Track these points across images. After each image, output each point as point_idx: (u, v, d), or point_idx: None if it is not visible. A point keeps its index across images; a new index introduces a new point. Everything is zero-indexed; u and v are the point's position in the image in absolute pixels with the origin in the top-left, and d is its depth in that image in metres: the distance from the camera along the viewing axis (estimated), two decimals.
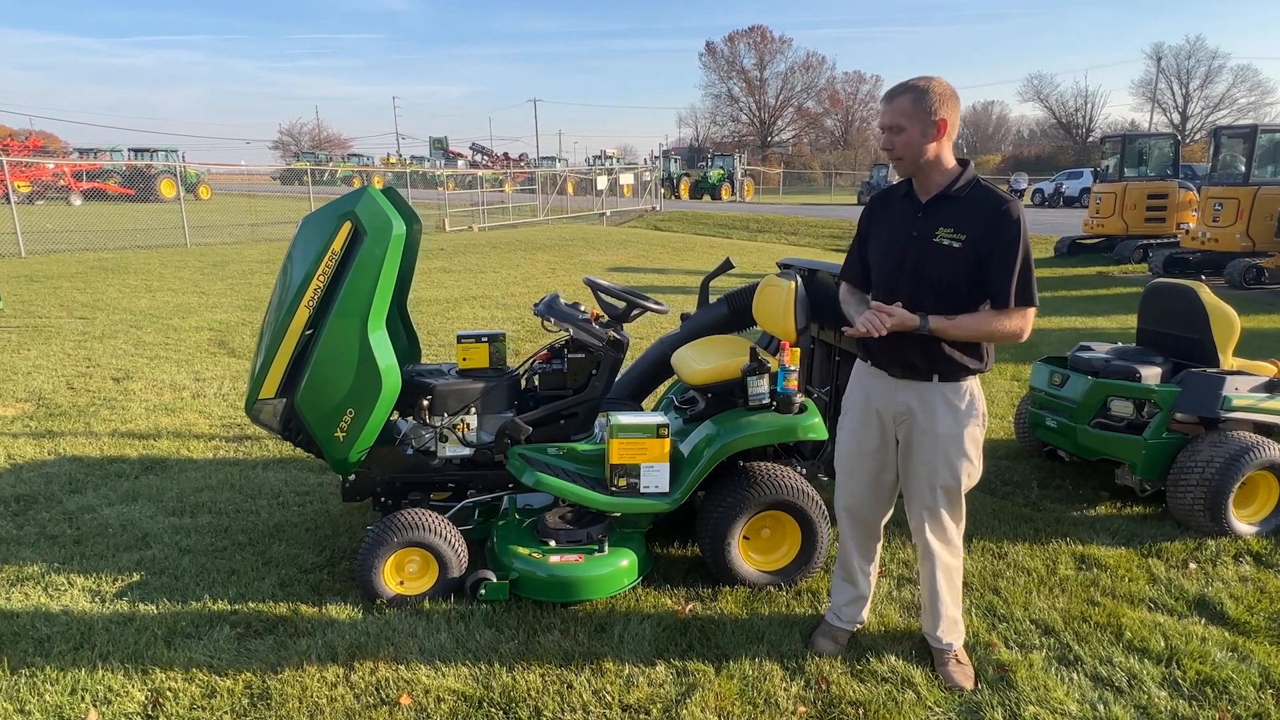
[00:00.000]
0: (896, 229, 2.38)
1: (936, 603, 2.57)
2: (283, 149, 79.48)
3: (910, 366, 2.38)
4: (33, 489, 3.96)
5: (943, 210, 2.30)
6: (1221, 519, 3.50)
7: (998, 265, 2.24)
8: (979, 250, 2.24)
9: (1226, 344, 3.85)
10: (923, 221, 2.32)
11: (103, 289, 10.45)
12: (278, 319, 2.80)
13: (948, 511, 2.49)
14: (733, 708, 2.39)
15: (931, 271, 2.30)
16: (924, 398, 2.39)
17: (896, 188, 2.46)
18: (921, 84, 2.22)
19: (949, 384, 2.38)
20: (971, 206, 2.27)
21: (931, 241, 2.29)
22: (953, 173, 2.31)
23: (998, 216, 2.23)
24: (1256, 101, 54.45)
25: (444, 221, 21.00)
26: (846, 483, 2.63)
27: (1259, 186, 11.48)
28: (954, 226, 2.26)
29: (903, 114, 2.23)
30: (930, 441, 2.40)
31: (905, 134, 2.24)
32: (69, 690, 2.43)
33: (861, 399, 2.54)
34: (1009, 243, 2.22)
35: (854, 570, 2.71)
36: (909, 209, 2.37)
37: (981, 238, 2.23)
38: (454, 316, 8.83)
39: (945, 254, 2.27)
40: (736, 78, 68.65)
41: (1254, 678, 2.54)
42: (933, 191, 2.33)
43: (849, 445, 2.58)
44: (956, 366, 2.35)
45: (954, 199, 2.29)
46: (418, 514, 2.92)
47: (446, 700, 2.41)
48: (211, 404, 5.49)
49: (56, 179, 27.18)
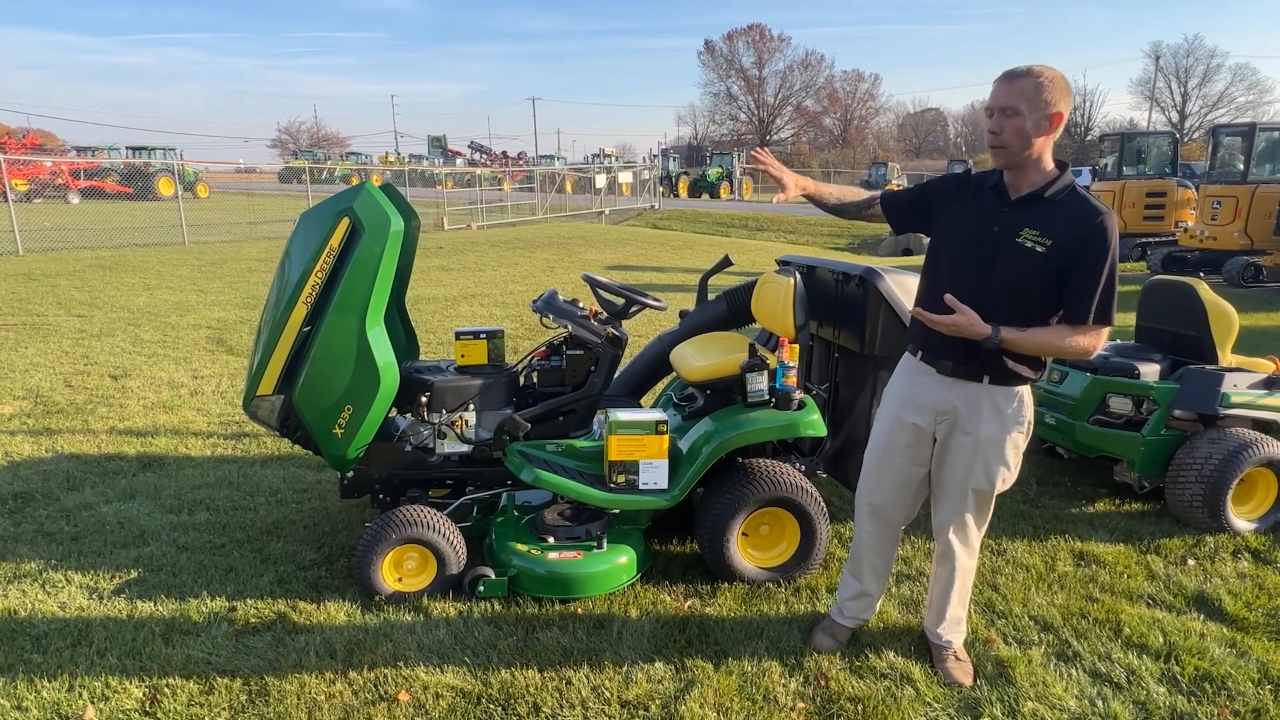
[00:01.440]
0: (976, 220, 2.26)
1: (945, 602, 2.56)
2: (281, 147, 79.43)
3: (963, 365, 2.30)
4: (30, 486, 3.95)
5: (1032, 210, 2.17)
6: (1220, 516, 3.50)
7: (1080, 279, 2.12)
8: (1063, 259, 2.13)
9: (1225, 341, 3.85)
10: (1008, 218, 2.19)
11: (100, 287, 10.43)
12: (275, 315, 2.80)
13: (974, 514, 2.45)
14: (732, 704, 2.39)
15: (1005, 271, 2.19)
16: (971, 399, 2.32)
17: (986, 176, 2.31)
18: (1047, 72, 2.09)
19: (1000, 388, 2.30)
20: (1063, 212, 2.15)
21: (1013, 241, 2.17)
22: (1050, 174, 2.19)
23: (1090, 228, 2.10)
24: (1255, 100, 54.54)
25: (442, 220, 20.99)
26: (876, 477, 2.55)
27: (1257, 185, 11.49)
28: (1040, 229, 2.14)
29: (1023, 97, 2.08)
30: (971, 443, 2.34)
31: (1018, 120, 2.09)
32: (66, 687, 2.42)
33: (904, 393, 2.46)
34: (1097, 257, 2.10)
35: (864, 568, 2.66)
36: (995, 202, 2.24)
37: (1068, 247, 2.12)
38: (452, 314, 8.82)
39: (1024, 256, 2.16)
40: (735, 76, 68.66)
41: (1252, 673, 2.54)
42: (1025, 190, 2.20)
43: (883, 438, 2.51)
44: (1010, 373, 2.28)
45: (1047, 201, 2.17)
46: (416, 511, 2.91)
47: (445, 697, 2.40)
48: (209, 402, 5.48)
49: (54, 177, 27.15)
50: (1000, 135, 2.14)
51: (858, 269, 3.20)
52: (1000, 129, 2.13)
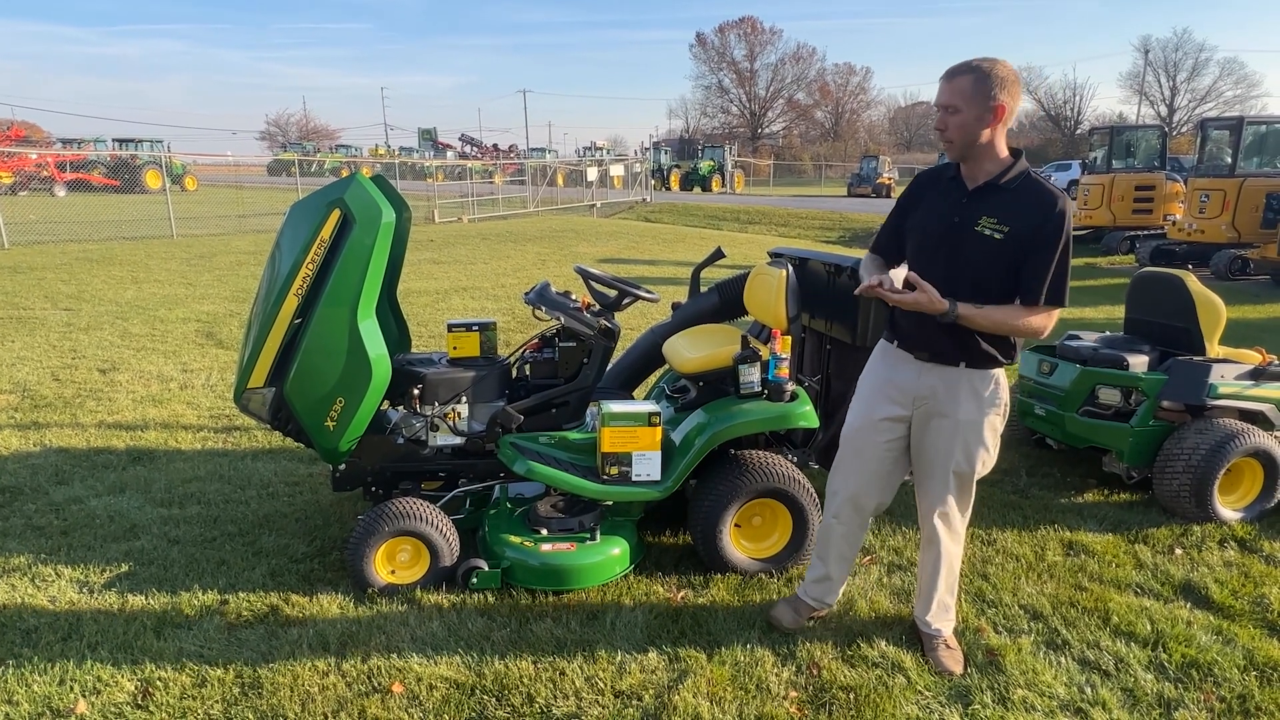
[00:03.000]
0: (939, 212, 2.33)
1: (932, 589, 2.58)
2: (270, 140, 78.77)
3: (939, 353, 2.35)
4: (18, 480, 3.92)
5: (989, 199, 2.24)
6: (1207, 505, 3.54)
7: (1035, 261, 2.19)
8: (1020, 244, 2.19)
9: (1213, 332, 3.88)
10: (966, 208, 2.27)
11: (88, 280, 10.34)
12: (266, 307, 2.78)
13: (956, 498, 2.49)
14: (725, 693, 2.40)
15: (967, 260, 2.25)
16: (949, 383, 2.37)
17: (945, 169, 2.39)
18: (984, 65, 2.15)
19: (976, 372, 2.36)
20: (1019, 199, 2.21)
21: (972, 230, 2.24)
22: (1004, 162, 2.25)
23: (1045, 212, 2.18)
24: (1243, 94, 54.88)
25: (433, 213, 20.88)
26: (851, 463, 2.57)
27: (1245, 178, 11.58)
28: (998, 217, 2.21)
29: (960, 94, 2.16)
30: (950, 426, 2.38)
31: (960, 115, 2.17)
32: (57, 681, 2.41)
33: (880, 380, 2.49)
34: (1051, 240, 2.18)
35: (830, 553, 2.70)
36: (954, 193, 2.31)
37: (1024, 232, 2.18)
38: (444, 307, 8.79)
39: (984, 244, 2.22)
40: (727, 69, 68.57)
41: (1238, 660, 2.58)
42: (980, 179, 2.27)
43: (861, 428, 2.52)
44: (985, 357, 2.33)
45: (1002, 189, 2.23)
46: (409, 503, 2.91)
47: (439, 688, 2.41)
48: (199, 395, 5.45)
49: (40, 169, 26.83)
50: (946, 132, 2.23)
51: (850, 261, 3.21)
52: (945, 126, 2.23)
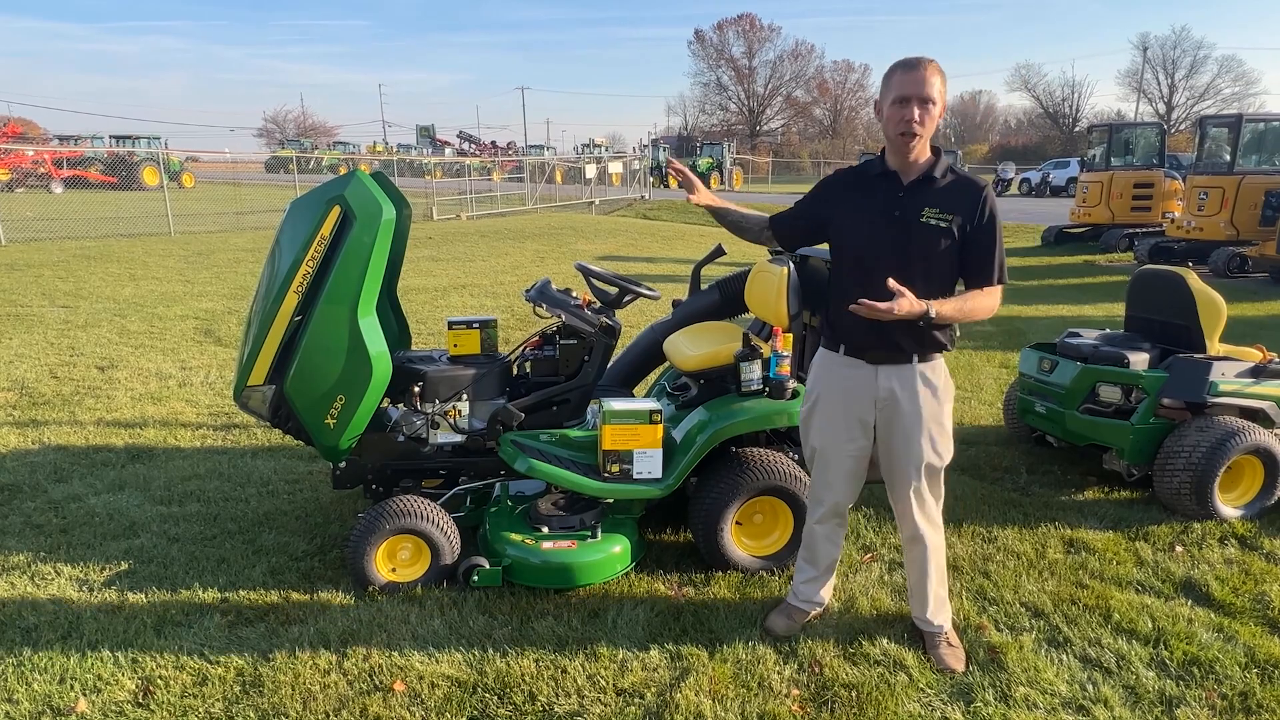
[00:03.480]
0: (875, 210, 2.36)
1: (925, 584, 2.59)
2: (268, 137, 78.60)
3: (895, 349, 2.38)
4: (17, 478, 3.91)
5: (927, 192, 2.31)
6: (1207, 503, 3.54)
7: (982, 246, 2.31)
8: (962, 231, 2.30)
9: (1213, 330, 3.88)
10: (905, 202, 2.32)
11: (86, 277, 10.31)
12: (266, 305, 2.77)
13: (932, 490, 2.53)
14: (727, 691, 2.40)
15: (919, 251, 2.31)
16: (905, 380, 2.40)
17: (869, 166, 2.42)
18: (937, 61, 2.22)
19: (925, 364, 2.41)
20: (953, 190, 2.31)
21: (919, 222, 2.30)
22: (931, 158, 2.34)
23: (979, 200, 2.30)
24: (1241, 91, 54.88)
25: (432, 210, 20.86)
26: (826, 475, 2.60)
27: (1243, 176, 11.58)
28: (940, 207, 2.29)
29: (936, 88, 2.21)
30: (915, 423, 2.41)
31: (934, 109, 2.22)
32: (58, 679, 2.41)
33: (836, 391, 2.50)
34: (991, 224, 2.31)
35: (819, 554, 2.72)
36: (889, 190, 2.35)
37: (965, 219, 2.29)
38: (443, 305, 8.78)
39: (932, 233, 2.29)
40: (725, 66, 68.46)
41: (1239, 657, 2.58)
42: (914, 174, 2.33)
43: (830, 439, 2.53)
44: (935, 345, 2.41)
45: (936, 181, 2.31)
46: (409, 501, 2.90)
47: (440, 686, 2.40)
48: (198, 393, 5.44)
49: (37, 166, 26.75)
50: (920, 125, 2.23)
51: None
52: (923, 120, 2.22)
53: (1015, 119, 72.63)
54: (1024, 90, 65.10)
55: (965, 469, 4.22)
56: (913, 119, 2.21)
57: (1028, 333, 7.52)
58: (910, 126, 2.21)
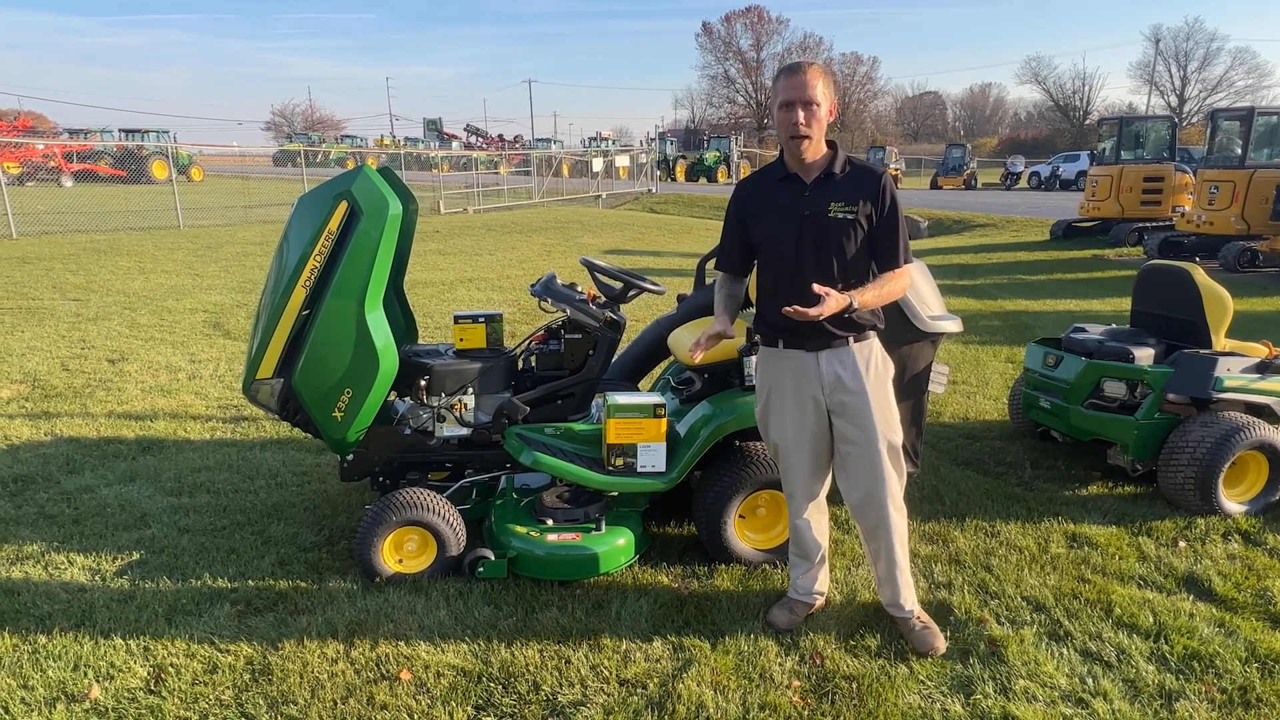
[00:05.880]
0: (785, 209, 2.43)
1: (895, 570, 2.59)
2: (275, 130, 78.83)
3: (829, 335, 2.44)
4: (30, 469, 3.96)
5: (829, 187, 2.39)
6: (1211, 498, 3.54)
7: (887, 231, 2.40)
8: (869, 220, 2.38)
9: (1219, 325, 3.87)
10: (811, 200, 2.39)
11: (96, 271, 10.39)
12: (274, 299, 2.80)
13: (896, 470, 2.53)
14: (729, 682, 2.42)
15: (834, 245, 2.39)
16: (846, 362, 2.46)
17: (769, 171, 2.52)
18: (821, 64, 2.35)
19: (862, 344, 2.48)
20: (853, 181, 2.39)
21: (827, 217, 2.37)
22: (829, 154, 2.41)
23: (879, 187, 2.38)
24: (1254, 84, 54.41)
25: (439, 204, 20.90)
26: (794, 467, 2.62)
27: (1255, 169, 11.47)
28: (844, 200, 2.37)
29: (819, 90, 2.29)
30: (862, 401, 2.46)
31: (819, 110, 2.30)
32: (71, 666, 2.45)
33: (785, 380, 2.54)
34: (892, 209, 2.39)
35: (807, 546, 2.73)
36: (794, 190, 2.42)
37: (867, 207, 2.37)
38: (449, 299, 8.81)
39: (842, 226, 2.37)
40: (733, 59, 68.06)
41: (1240, 652, 2.59)
42: (815, 172, 2.41)
43: (790, 431, 2.56)
44: (864, 327, 2.48)
45: (837, 175, 2.39)
46: (416, 493, 2.93)
47: (446, 675, 2.44)
48: (207, 385, 5.49)
49: (47, 160, 26.93)
50: (807, 127, 2.31)
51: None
52: (809, 122, 2.30)
53: (1025, 112, 72.33)
54: (1034, 83, 64.66)
55: (970, 463, 4.23)
56: (799, 122, 2.30)
57: (1034, 327, 7.50)
58: (798, 129, 2.31)
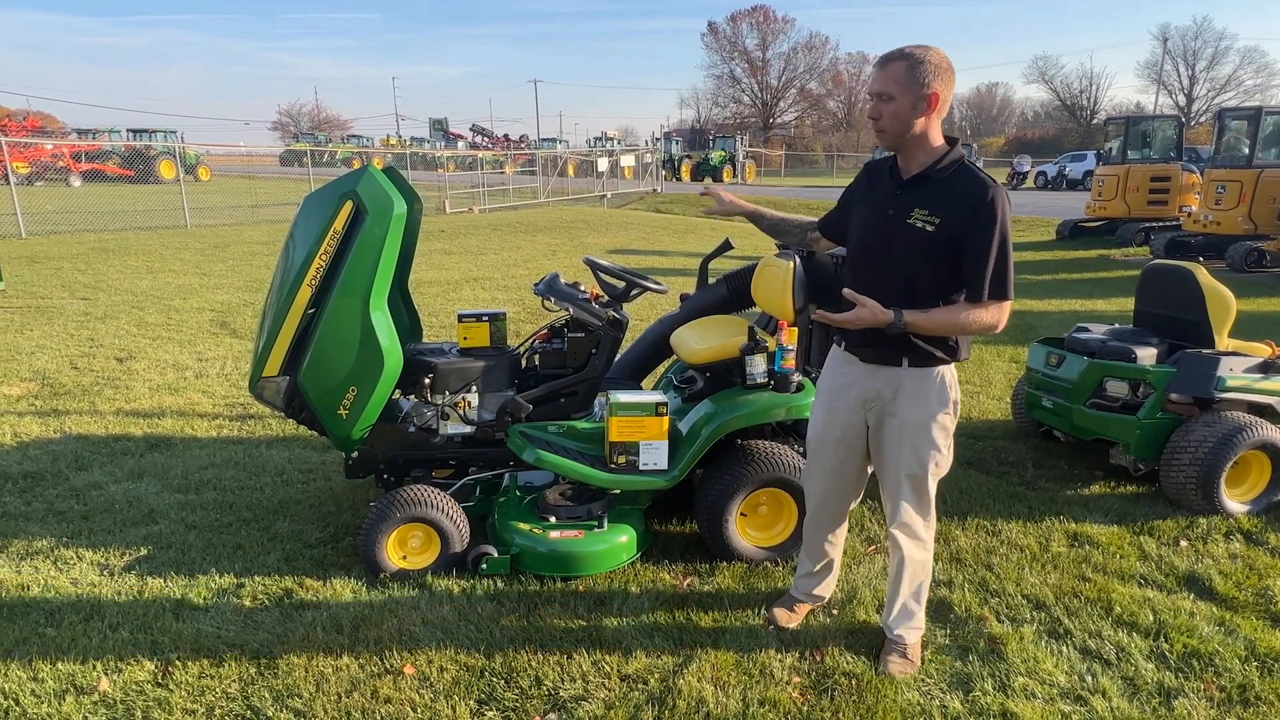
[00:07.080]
0: (876, 204, 2.30)
1: (895, 592, 2.53)
2: (282, 130, 79.13)
3: (881, 352, 2.33)
4: (40, 466, 4.01)
5: (921, 190, 2.20)
6: (1213, 498, 3.54)
7: (973, 255, 2.14)
8: (954, 236, 2.14)
9: (1222, 325, 3.87)
10: (900, 200, 2.23)
11: (104, 270, 10.46)
12: (280, 297, 2.83)
13: (912, 503, 2.43)
14: (729, 678, 2.44)
15: (900, 253, 2.22)
16: (892, 383, 2.34)
17: (885, 161, 2.35)
18: (918, 53, 2.10)
19: (918, 369, 2.31)
20: (951, 189, 2.17)
21: (905, 222, 2.20)
22: (938, 151, 2.20)
23: (976, 202, 2.12)
24: (1263, 83, 54.12)
25: (444, 203, 20.95)
26: (816, 468, 2.61)
27: (1262, 169, 11.41)
28: (930, 208, 2.17)
29: (895, 81, 2.12)
30: (897, 427, 2.35)
31: (894, 103, 2.13)
32: (80, 660, 2.49)
33: (834, 384, 2.50)
34: (986, 232, 2.11)
35: (816, 548, 2.72)
36: (890, 185, 2.28)
37: (958, 223, 2.14)
38: (454, 298, 8.85)
39: (916, 236, 2.18)
40: (739, 58, 68.07)
41: (1240, 651, 2.60)
42: (914, 170, 2.23)
43: (817, 430, 2.56)
44: (926, 355, 2.30)
45: (934, 179, 2.19)
46: (420, 490, 2.96)
47: (449, 670, 2.46)
48: (214, 384, 5.53)
49: (55, 160, 27.09)
50: (879, 120, 2.18)
51: None
52: (879, 114, 2.17)
53: (1032, 111, 72.09)
54: (1041, 82, 64.62)
55: (972, 463, 4.23)
56: (870, 114, 2.22)
57: (1039, 327, 7.49)
58: (873, 121, 2.21)
